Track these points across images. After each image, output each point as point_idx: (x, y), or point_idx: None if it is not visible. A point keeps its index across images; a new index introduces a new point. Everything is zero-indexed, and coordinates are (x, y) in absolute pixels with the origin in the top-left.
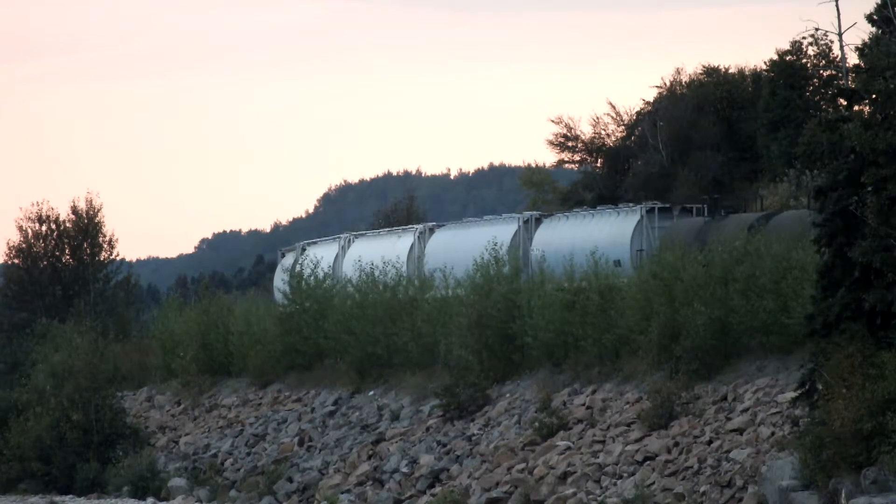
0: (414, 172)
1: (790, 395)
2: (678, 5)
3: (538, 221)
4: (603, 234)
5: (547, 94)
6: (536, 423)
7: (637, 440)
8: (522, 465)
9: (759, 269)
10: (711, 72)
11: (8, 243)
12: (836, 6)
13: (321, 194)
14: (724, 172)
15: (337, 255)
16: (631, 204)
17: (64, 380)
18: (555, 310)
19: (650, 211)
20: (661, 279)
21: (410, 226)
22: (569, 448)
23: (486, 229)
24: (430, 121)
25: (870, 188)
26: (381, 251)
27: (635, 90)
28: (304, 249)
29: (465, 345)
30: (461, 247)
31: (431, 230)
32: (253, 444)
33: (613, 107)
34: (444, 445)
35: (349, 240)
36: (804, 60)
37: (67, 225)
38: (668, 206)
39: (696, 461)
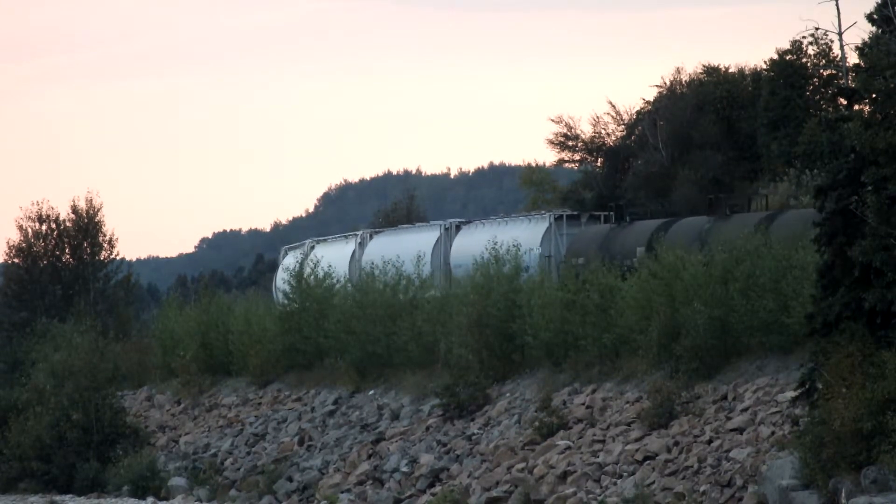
0: (414, 172)
1: (790, 394)
2: (678, 5)
3: (458, 228)
4: (515, 241)
5: (547, 94)
6: (536, 423)
7: (637, 439)
8: (522, 465)
9: (759, 268)
10: (711, 71)
11: (8, 243)
12: (836, 6)
13: (321, 194)
14: (724, 172)
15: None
16: (542, 211)
17: (64, 379)
18: (555, 309)
19: (559, 218)
20: (661, 278)
21: (353, 232)
22: (569, 447)
23: (414, 235)
24: (429, 120)
25: (870, 187)
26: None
27: (635, 89)
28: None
29: (465, 344)
30: (392, 251)
31: (371, 236)
32: (253, 443)
33: (613, 106)
34: (444, 445)
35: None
36: (804, 60)
37: (67, 224)
38: (576, 213)
39: (696, 460)
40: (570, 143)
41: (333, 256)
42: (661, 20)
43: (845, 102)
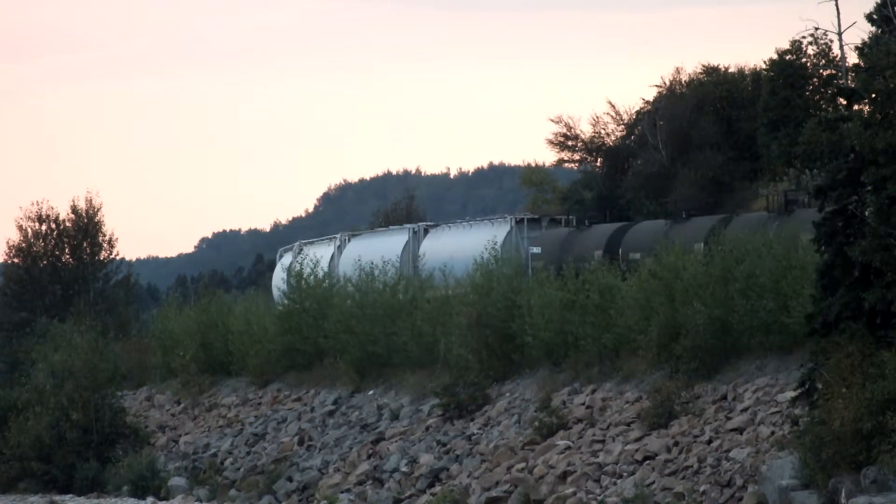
0: (414, 172)
1: (790, 394)
2: (678, 5)
3: (426, 232)
4: (477, 244)
5: (547, 94)
6: (536, 423)
7: (637, 439)
8: (522, 465)
9: (759, 268)
10: (711, 71)
11: (8, 242)
12: (836, 6)
13: (321, 194)
14: (724, 172)
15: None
16: (506, 215)
17: (64, 379)
18: (554, 309)
19: (519, 221)
20: (661, 278)
21: (329, 236)
22: (568, 447)
23: (386, 238)
24: (429, 121)
25: (869, 187)
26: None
27: (635, 89)
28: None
29: (464, 344)
30: (367, 254)
31: (349, 239)
32: (253, 443)
33: (613, 106)
34: (444, 445)
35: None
36: (804, 60)
37: (67, 224)
38: (537, 217)
39: (695, 460)
40: (570, 143)
41: (316, 258)
42: (660, 20)
43: (845, 102)
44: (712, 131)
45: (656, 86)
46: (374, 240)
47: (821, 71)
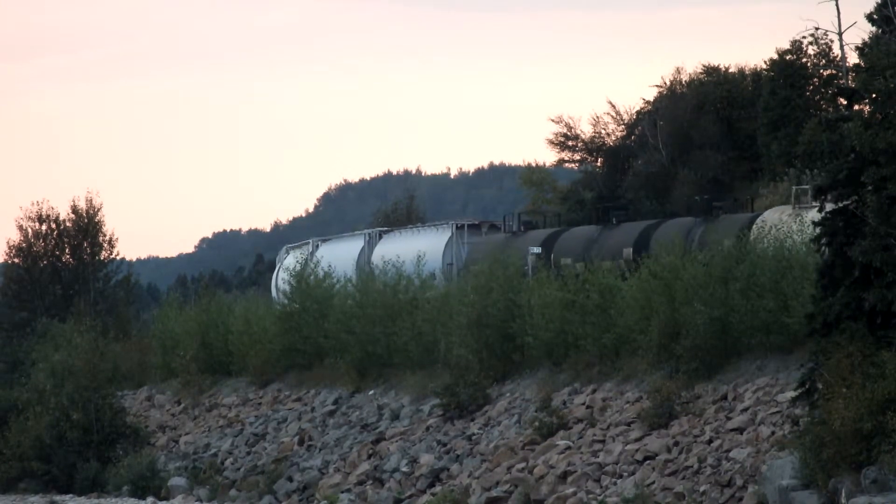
0: (414, 172)
1: (790, 394)
2: (678, 5)
3: (380, 237)
4: (422, 249)
5: (547, 94)
6: (536, 423)
7: (637, 439)
8: (522, 465)
9: (759, 268)
10: (711, 71)
11: (8, 242)
12: (836, 6)
13: (321, 194)
14: (724, 172)
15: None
16: (449, 222)
17: (64, 379)
18: (555, 309)
19: (460, 228)
20: (661, 278)
21: (303, 241)
22: (569, 447)
23: (346, 243)
24: (430, 121)
25: (870, 187)
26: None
27: (635, 89)
28: (317, 246)
29: (465, 344)
30: (331, 258)
31: (318, 244)
32: (253, 443)
33: (613, 106)
34: (444, 445)
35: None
36: (804, 60)
37: (67, 224)
38: (477, 223)
39: (696, 460)
40: (570, 143)
41: (297, 259)
42: (661, 20)
43: (845, 102)
44: (713, 131)
45: (656, 86)
46: (339, 244)
47: (821, 71)
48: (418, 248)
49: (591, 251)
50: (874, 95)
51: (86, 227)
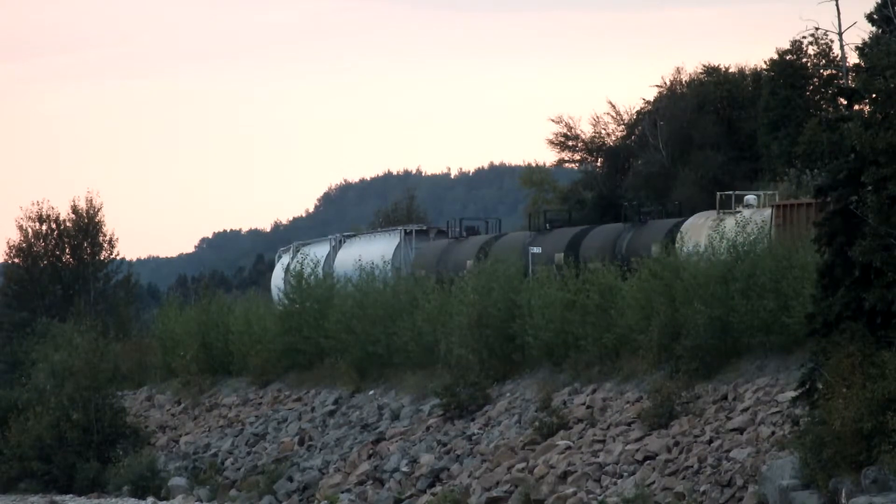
0: (414, 172)
1: (790, 394)
2: (678, 5)
3: (342, 242)
4: (375, 253)
5: (547, 94)
6: (536, 423)
7: (637, 439)
8: (523, 465)
9: (759, 268)
10: (712, 71)
11: (8, 243)
12: (837, 6)
13: (321, 194)
14: (725, 172)
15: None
16: (399, 227)
17: (64, 379)
18: (555, 309)
19: (408, 233)
20: (661, 278)
21: (285, 247)
22: (569, 447)
23: (314, 248)
24: (430, 120)
25: (870, 187)
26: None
27: (635, 89)
28: (297, 249)
29: (465, 344)
30: (308, 259)
31: (297, 249)
32: (253, 443)
33: (613, 106)
34: (445, 445)
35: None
36: (804, 60)
37: (68, 224)
38: (425, 228)
39: (696, 460)
40: (571, 143)
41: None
42: (661, 20)
43: (845, 102)
44: (713, 131)
45: (657, 86)
46: (313, 248)
47: (821, 71)
48: (372, 253)
49: (525, 256)
50: (874, 95)
51: (86, 227)
